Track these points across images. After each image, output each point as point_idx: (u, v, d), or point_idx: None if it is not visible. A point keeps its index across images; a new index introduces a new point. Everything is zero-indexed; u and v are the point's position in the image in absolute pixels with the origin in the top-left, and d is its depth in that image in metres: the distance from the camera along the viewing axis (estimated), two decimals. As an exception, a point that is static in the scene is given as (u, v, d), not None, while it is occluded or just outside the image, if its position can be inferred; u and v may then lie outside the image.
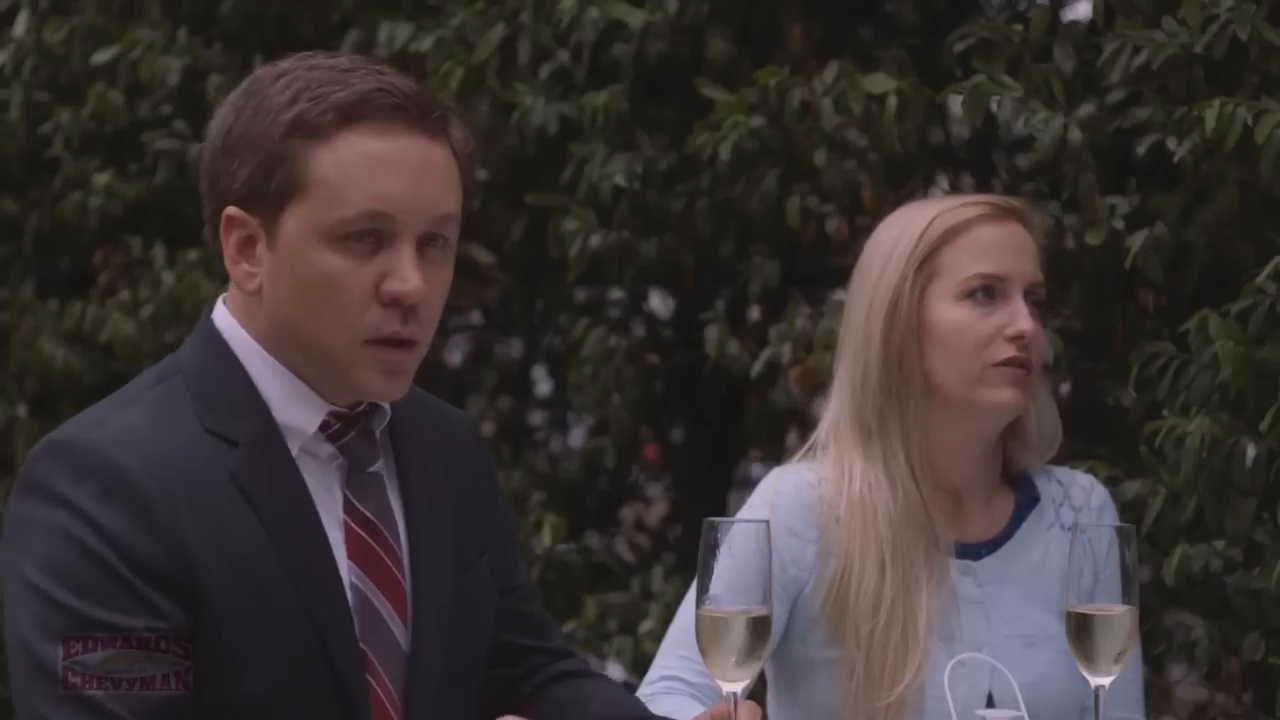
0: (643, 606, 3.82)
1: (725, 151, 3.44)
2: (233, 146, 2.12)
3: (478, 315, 4.79)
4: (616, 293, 4.38)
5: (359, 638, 2.13)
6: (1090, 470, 2.93)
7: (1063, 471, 2.84)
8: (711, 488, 4.33)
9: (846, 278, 2.87)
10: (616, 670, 3.84)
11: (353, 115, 2.08)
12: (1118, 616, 2.28)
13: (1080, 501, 2.80)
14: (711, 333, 3.65)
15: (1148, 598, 2.84)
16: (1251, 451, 2.86)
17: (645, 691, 2.67)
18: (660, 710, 2.45)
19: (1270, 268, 2.88)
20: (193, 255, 4.30)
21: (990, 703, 2.64)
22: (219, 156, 2.13)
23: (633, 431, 4.38)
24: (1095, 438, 3.28)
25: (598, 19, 3.63)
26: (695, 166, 3.60)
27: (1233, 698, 3.12)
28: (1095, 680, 2.27)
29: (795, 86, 3.41)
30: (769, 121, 3.44)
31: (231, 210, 2.12)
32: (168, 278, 4.31)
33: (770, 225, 3.52)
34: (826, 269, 3.77)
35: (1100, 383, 3.40)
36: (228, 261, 2.15)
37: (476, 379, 4.83)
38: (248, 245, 2.13)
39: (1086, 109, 3.15)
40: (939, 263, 2.70)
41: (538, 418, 5.05)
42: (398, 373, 2.14)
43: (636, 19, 3.63)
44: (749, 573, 2.19)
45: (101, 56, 4.46)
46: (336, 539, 2.14)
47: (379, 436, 2.21)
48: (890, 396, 2.70)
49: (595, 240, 3.68)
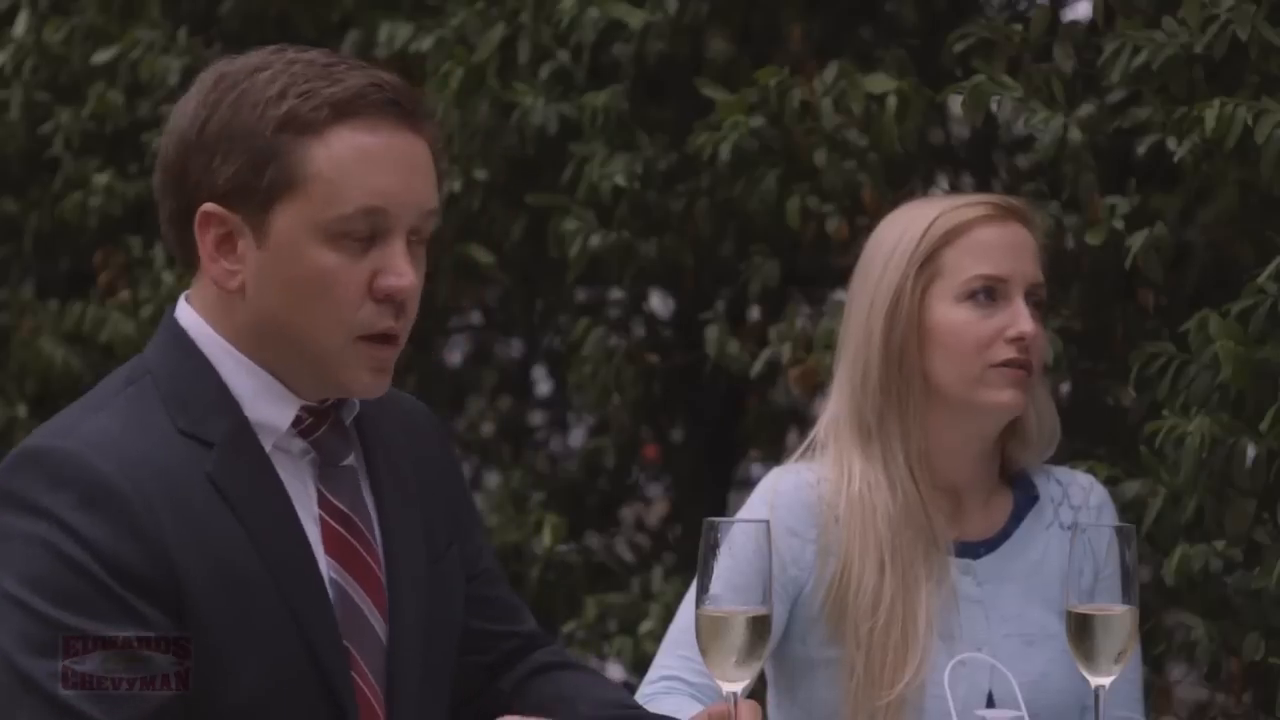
0: (643, 606, 3.81)
1: (725, 151, 3.43)
2: (210, 141, 2.07)
3: (478, 315, 4.79)
4: (616, 293, 4.38)
5: (341, 634, 2.11)
6: (1090, 470, 2.93)
7: (1062, 471, 2.85)
8: (711, 488, 4.33)
9: (846, 278, 2.87)
10: (616, 670, 3.84)
11: (347, 111, 2.06)
12: (1118, 616, 2.28)
13: (1079, 501, 2.80)
14: (711, 333, 3.65)
15: (1148, 598, 2.84)
16: (1251, 451, 2.85)
17: (645, 691, 2.67)
18: (660, 710, 2.45)
19: (1270, 268, 2.88)
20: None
21: (990, 702, 2.64)
22: (192, 151, 2.08)
23: (633, 431, 4.37)
24: (1095, 438, 3.28)
25: (598, 19, 3.63)
26: (695, 166, 3.60)
27: (1233, 698, 3.12)
28: (1095, 680, 2.27)
29: (795, 86, 3.41)
30: (769, 121, 3.43)
31: (209, 207, 2.08)
32: (168, 278, 4.30)
33: (770, 225, 3.52)
34: (826, 269, 3.77)
35: (1100, 383, 3.40)
36: (205, 259, 2.10)
37: (476, 379, 4.83)
38: (226, 242, 2.09)
39: (1086, 109, 3.15)
40: (940, 263, 2.70)
41: (538, 418, 5.05)
42: (384, 369, 2.13)
43: (636, 19, 3.62)
44: (749, 573, 2.19)
45: (101, 56, 4.45)
46: (314, 535, 2.12)
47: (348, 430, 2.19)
48: (890, 396, 2.70)
49: (595, 240, 3.67)
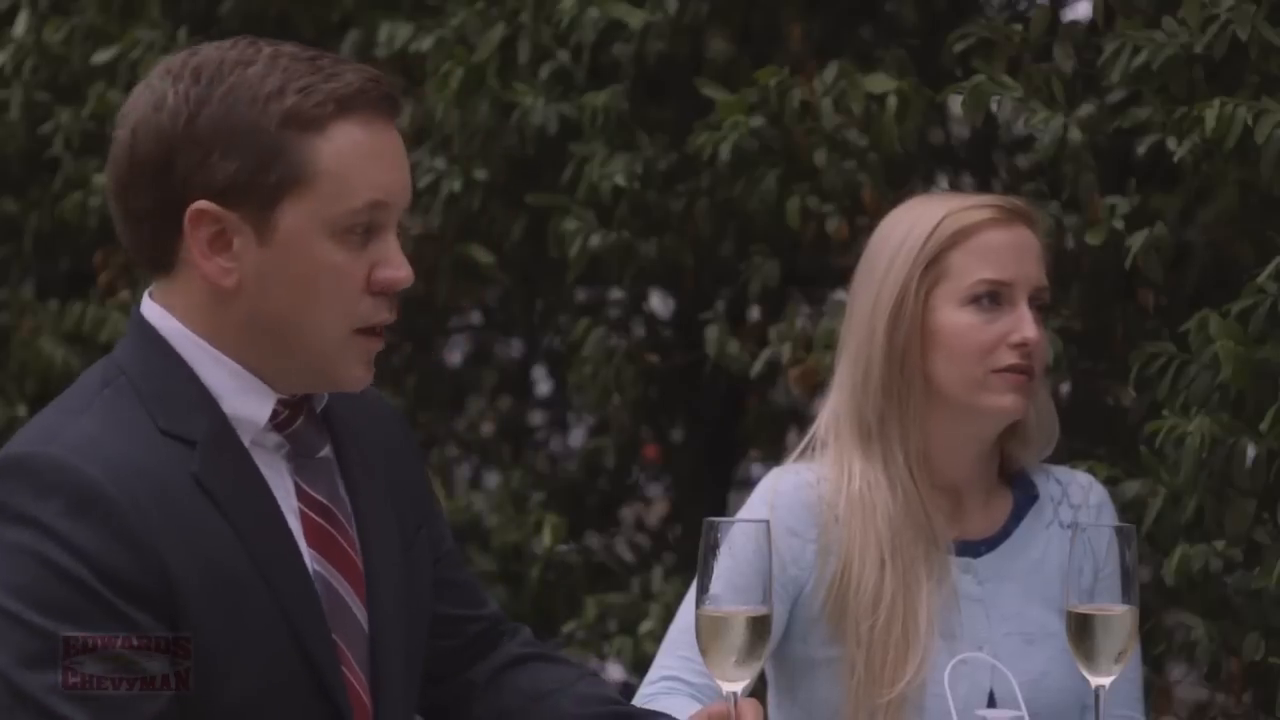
0: (643, 606, 3.81)
1: (725, 151, 3.43)
2: (204, 137, 2.03)
3: (478, 315, 4.79)
4: (616, 293, 4.38)
5: (330, 628, 2.09)
6: (1090, 470, 2.92)
7: (1061, 470, 2.85)
8: (711, 488, 4.33)
9: (847, 278, 2.87)
10: (616, 670, 3.84)
11: (349, 107, 2.06)
12: (1118, 616, 2.28)
13: (1079, 500, 2.80)
14: (711, 333, 3.65)
15: (1148, 598, 2.84)
16: (1251, 451, 2.85)
17: (645, 692, 2.67)
18: (660, 710, 2.44)
19: (1270, 268, 2.88)
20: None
21: (991, 701, 2.64)
22: (180, 146, 2.04)
23: (633, 431, 4.37)
24: (1095, 438, 3.28)
25: (598, 19, 3.63)
26: (695, 166, 3.59)
27: (1233, 698, 3.12)
28: (1095, 680, 2.27)
29: (795, 86, 3.41)
30: (769, 121, 3.43)
31: (203, 204, 2.04)
32: (168, 278, 4.30)
33: (770, 225, 3.52)
34: (826, 269, 3.77)
35: (1100, 383, 3.40)
36: (197, 257, 2.05)
37: (476, 379, 4.82)
38: (219, 239, 2.05)
39: (1086, 109, 3.15)
40: (946, 265, 2.69)
41: (538, 418, 5.05)
42: (371, 363, 2.12)
43: (636, 19, 3.62)
44: (749, 573, 2.19)
45: (101, 56, 4.45)
46: (296, 528, 2.10)
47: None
48: (891, 397, 2.70)
49: (595, 240, 3.67)
